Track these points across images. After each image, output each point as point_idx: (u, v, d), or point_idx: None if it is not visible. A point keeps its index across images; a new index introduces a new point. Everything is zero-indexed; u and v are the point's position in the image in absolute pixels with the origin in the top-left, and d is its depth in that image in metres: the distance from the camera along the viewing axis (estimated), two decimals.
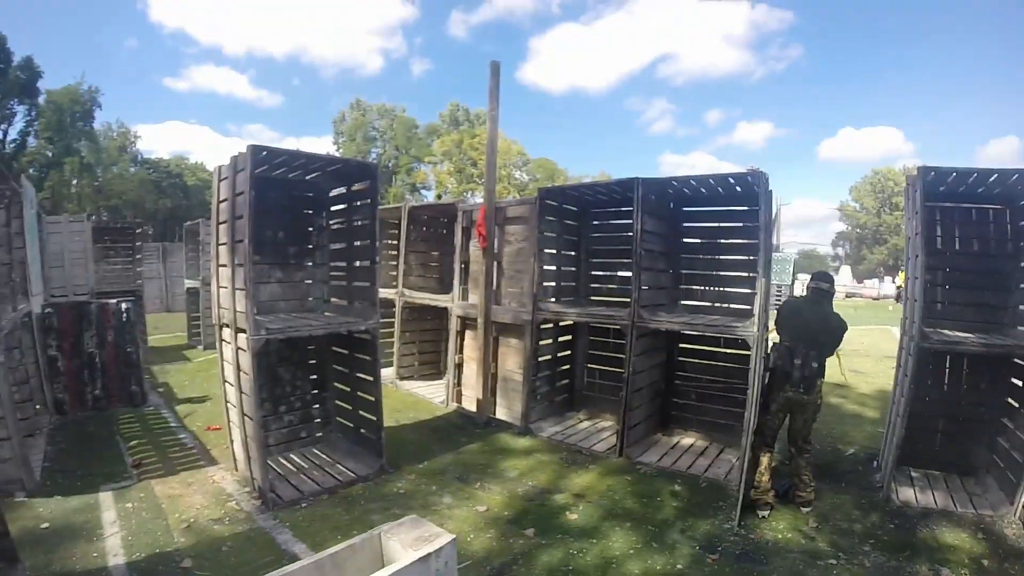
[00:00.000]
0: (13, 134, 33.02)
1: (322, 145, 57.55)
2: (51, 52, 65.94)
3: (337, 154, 39.68)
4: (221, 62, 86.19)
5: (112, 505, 5.31)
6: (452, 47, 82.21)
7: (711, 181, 6.30)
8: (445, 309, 9.26)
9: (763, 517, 5.01)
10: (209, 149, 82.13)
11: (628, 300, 6.54)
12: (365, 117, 46.10)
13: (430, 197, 42.42)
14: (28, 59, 31.22)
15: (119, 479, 5.93)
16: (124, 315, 8.47)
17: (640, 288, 6.35)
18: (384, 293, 9.15)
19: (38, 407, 7.68)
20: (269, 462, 5.58)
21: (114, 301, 8.67)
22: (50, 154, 33.61)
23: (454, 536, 1.75)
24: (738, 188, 6.42)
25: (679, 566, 4.21)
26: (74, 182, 35.08)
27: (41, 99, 32.82)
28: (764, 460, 5.15)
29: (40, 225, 10.14)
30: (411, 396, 9.46)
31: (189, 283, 14.41)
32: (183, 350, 13.57)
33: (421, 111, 79.19)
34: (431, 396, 9.38)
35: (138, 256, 14.43)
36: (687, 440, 6.97)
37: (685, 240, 7.38)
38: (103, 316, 8.38)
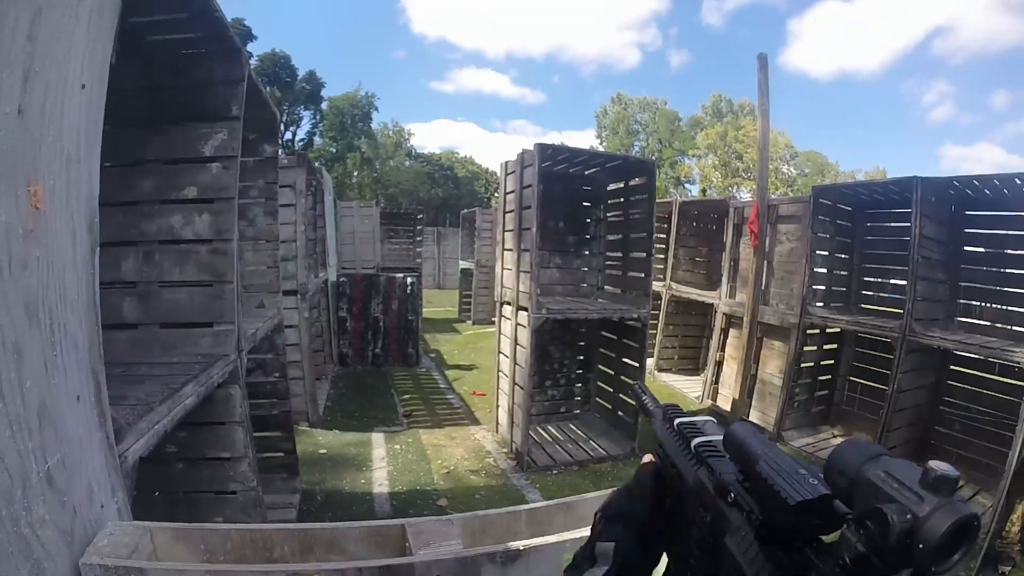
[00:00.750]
0: (301, 134, 40.35)
1: (585, 139, 59.92)
2: (331, 66, 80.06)
3: (600, 148, 41.54)
4: (483, 64, 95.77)
5: (382, 444, 6.48)
6: (708, 35, 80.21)
7: (996, 182, 5.91)
8: (710, 305, 9.43)
9: (1003, 573, 4.60)
10: (476, 144, 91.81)
11: (900, 311, 6.30)
12: (627, 111, 47.37)
13: (694, 191, 41.95)
14: (311, 72, 38.58)
15: (390, 424, 7.22)
16: (409, 288, 10.15)
17: (915, 299, 6.11)
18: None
19: (325, 359, 9.46)
20: (529, 430, 6.30)
21: (401, 275, 10.41)
22: (334, 150, 39.99)
23: None
24: None
25: None
26: (355, 174, 41.29)
27: (324, 105, 39.97)
28: (1020, 509, 4.70)
29: (335, 209, 12.26)
30: (667, 388, 9.85)
31: (463, 264, 16.58)
32: (453, 323, 15.59)
33: (682, 103, 78.67)
34: (687, 390, 9.75)
35: (418, 238, 16.77)
36: None
37: (966, 249, 6.78)
38: (390, 287, 10.12)
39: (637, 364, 6.68)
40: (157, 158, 3.36)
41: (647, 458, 0.98)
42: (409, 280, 10.24)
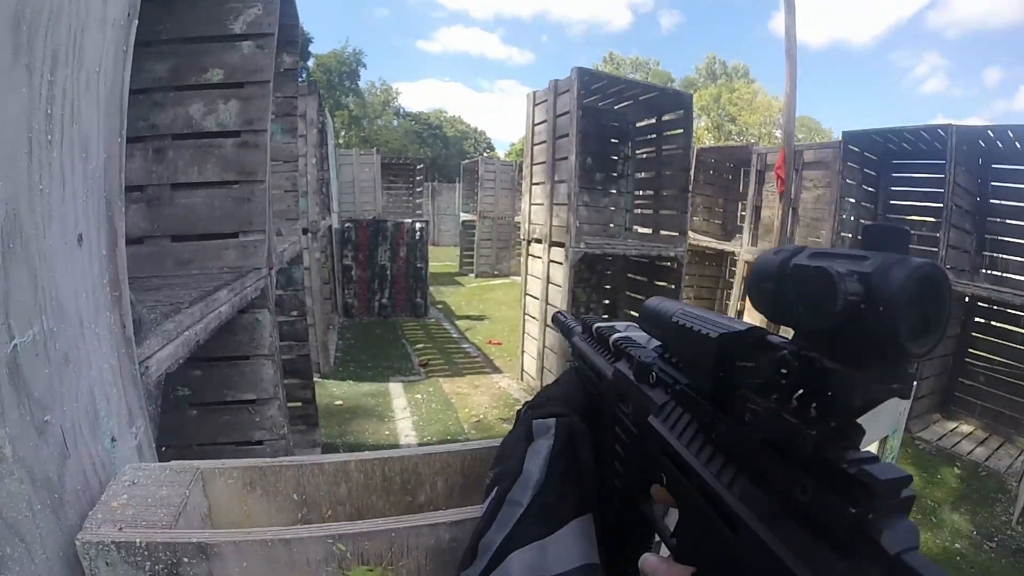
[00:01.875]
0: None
1: None
2: (314, 25, 77.70)
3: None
4: (470, 24, 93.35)
5: (402, 394, 5.98)
6: None
7: None
8: (726, 256, 9.23)
9: None
10: (465, 104, 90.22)
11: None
12: (619, 71, 46.12)
13: None
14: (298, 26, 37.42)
15: (407, 374, 6.67)
16: (417, 233, 9.50)
17: (948, 246, 5.90)
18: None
19: (332, 307, 9.13)
20: None
21: (409, 220, 9.79)
22: (325, 109, 39.66)
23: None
24: None
25: (958, 545, 4.12)
26: (343, 132, 40.70)
27: (311, 62, 38.87)
28: None
29: (335, 157, 11.99)
30: None
31: (465, 216, 15.91)
32: (455, 277, 15.00)
33: (674, 65, 77.59)
34: None
35: (418, 189, 16.22)
36: (966, 427, 6.40)
37: (992, 201, 6.59)
38: (398, 233, 9.43)
39: None
40: (173, 37, 2.64)
41: None
42: (418, 225, 9.61)
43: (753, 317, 7.96)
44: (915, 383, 5.91)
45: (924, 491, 4.88)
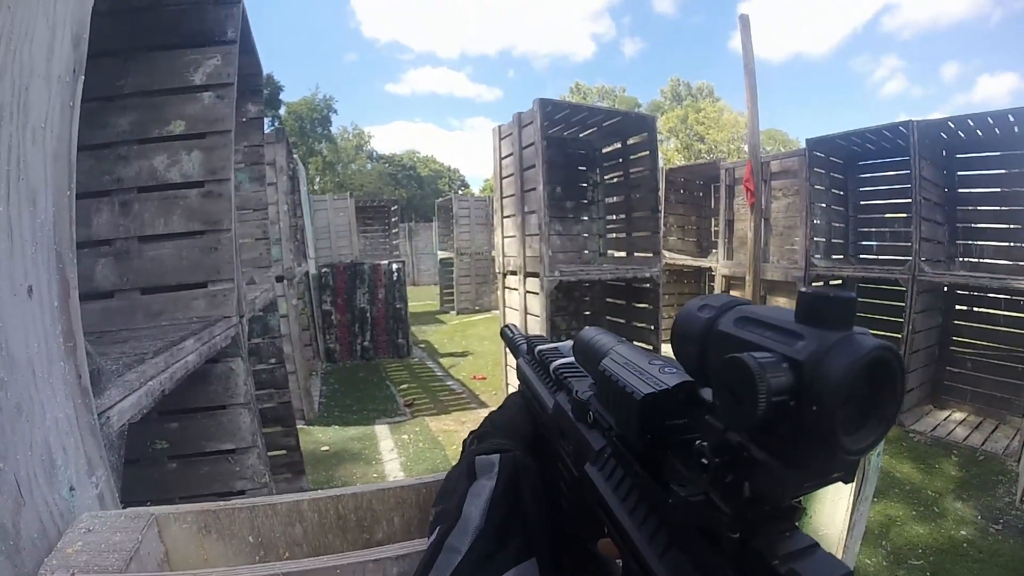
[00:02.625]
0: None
1: None
2: (285, 73, 78.66)
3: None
4: (437, 64, 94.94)
5: (389, 436, 5.92)
6: (660, 23, 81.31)
7: (989, 120, 5.81)
8: (703, 271, 9.32)
9: None
10: (436, 144, 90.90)
11: (901, 258, 6.32)
12: (586, 100, 47.09)
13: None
14: (268, 76, 37.13)
15: (393, 415, 6.61)
16: (395, 274, 9.51)
17: (920, 239, 6.00)
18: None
19: (313, 354, 8.90)
20: None
21: (386, 262, 9.77)
22: (296, 155, 39.84)
23: None
24: (1016, 128, 5.82)
25: (963, 532, 4.11)
26: (317, 179, 40.80)
27: (282, 110, 39.02)
28: None
29: (309, 203, 12.02)
30: (669, 357, 9.41)
31: (442, 254, 15.97)
32: (436, 315, 14.94)
33: (640, 90, 79.52)
34: None
35: (394, 231, 16.28)
36: (959, 414, 6.47)
37: (960, 191, 6.81)
38: (375, 275, 9.44)
39: (652, 327, 6.33)
40: (135, 90, 2.68)
41: None
42: (395, 266, 9.62)
43: None
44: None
45: (923, 483, 4.90)
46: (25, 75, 0.85)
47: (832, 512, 1.53)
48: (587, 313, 7.27)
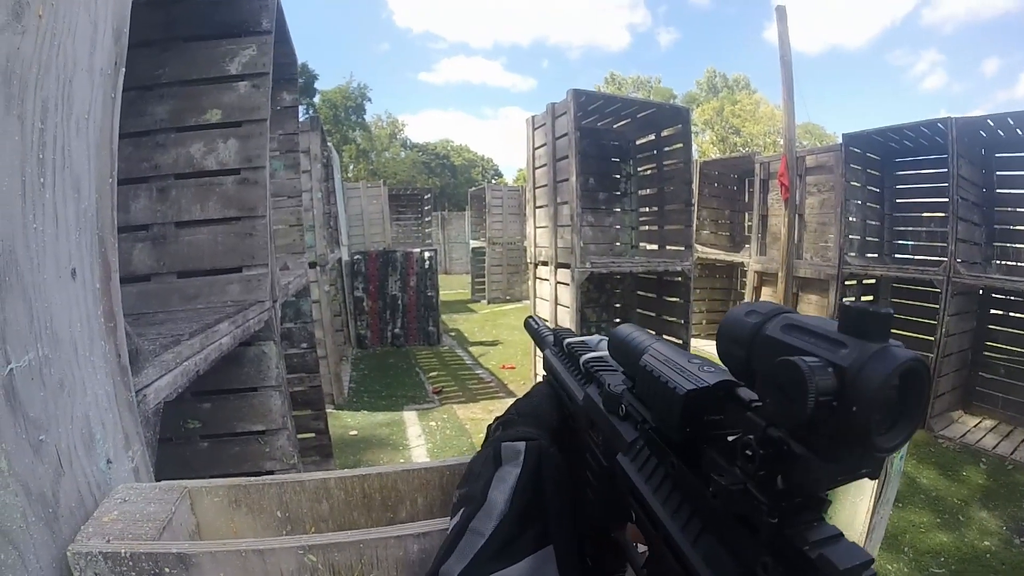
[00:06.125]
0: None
1: None
2: (318, 62, 79.48)
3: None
4: (471, 54, 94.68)
5: (416, 422, 6.01)
6: (695, 13, 79.84)
7: None
8: (735, 267, 9.23)
9: None
10: (469, 133, 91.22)
11: (936, 258, 6.20)
12: (621, 90, 46.28)
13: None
14: (303, 65, 37.92)
15: (421, 402, 6.71)
16: (427, 262, 9.61)
17: (957, 240, 5.85)
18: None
19: (345, 339, 9.01)
20: None
21: (418, 250, 9.88)
22: (330, 143, 40.36)
23: None
24: None
25: (987, 543, 4.02)
26: (351, 166, 41.29)
27: (316, 98, 39.53)
28: None
29: (343, 190, 12.19)
30: (700, 352, 9.22)
31: (474, 243, 16.07)
32: (467, 304, 15.09)
33: (675, 81, 77.96)
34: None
35: (427, 219, 16.54)
36: (989, 421, 6.28)
37: (999, 191, 6.57)
38: (407, 263, 9.54)
39: (682, 321, 6.29)
40: (173, 80, 2.77)
41: None
42: (427, 254, 9.69)
43: None
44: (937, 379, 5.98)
45: (949, 491, 4.81)
46: (69, 68, 0.90)
47: (852, 515, 1.53)
48: (617, 305, 7.27)
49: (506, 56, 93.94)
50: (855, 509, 1.53)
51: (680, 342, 6.24)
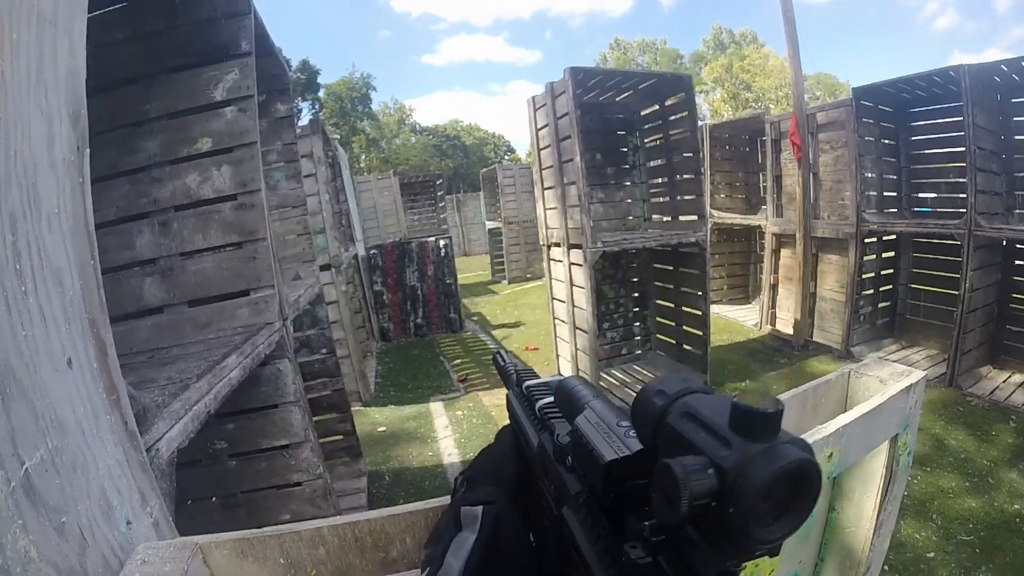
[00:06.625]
0: (304, 124, 40.91)
1: None
2: (320, 55, 79.37)
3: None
4: (472, 31, 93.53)
5: (443, 413, 6.14)
6: None
7: None
8: (753, 230, 9.16)
9: None
10: (479, 112, 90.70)
11: (956, 211, 6.05)
12: (626, 55, 45.97)
13: None
14: (303, 62, 37.20)
15: (447, 391, 6.84)
16: (442, 250, 9.68)
17: (976, 192, 5.71)
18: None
19: (368, 335, 9.13)
20: (598, 372, 5.99)
21: (432, 238, 9.96)
22: (338, 136, 40.36)
23: (925, 373, 1.75)
24: None
25: (1016, 506, 3.92)
26: (363, 156, 41.40)
27: (321, 93, 39.30)
28: None
29: (353, 185, 11.98)
30: (721, 319, 9.30)
31: (490, 224, 16.14)
32: (488, 286, 15.17)
33: (681, 41, 76.61)
34: (742, 320, 9.33)
35: (441, 204, 16.58)
36: (1019, 376, 6.12)
37: (1017, 138, 6.35)
38: (423, 253, 9.63)
39: (700, 292, 6.26)
40: (161, 113, 2.84)
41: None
42: (442, 243, 9.77)
43: (788, 288, 7.88)
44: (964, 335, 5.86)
45: (978, 452, 4.72)
46: (30, 172, 0.95)
47: (859, 511, 1.56)
48: (635, 279, 7.25)
49: (508, 31, 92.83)
50: (861, 507, 1.56)
51: (700, 312, 6.27)
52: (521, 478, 0.77)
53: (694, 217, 6.30)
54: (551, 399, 0.72)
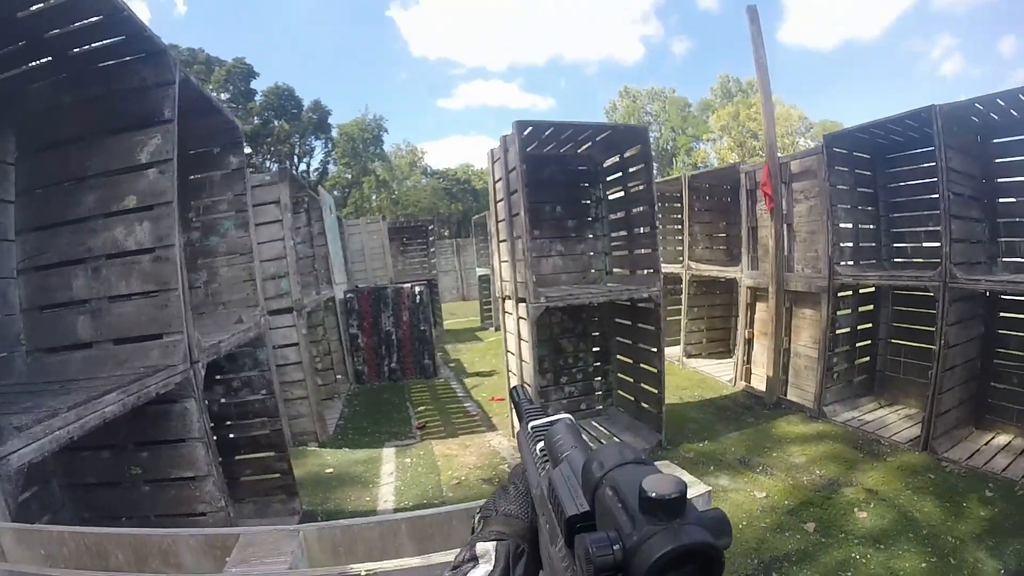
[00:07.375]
0: (315, 164, 41.01)
1: None
2: (336, 96, 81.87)
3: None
4: (488, 77, 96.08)
5: (393, 459, 6.36)
6: (706, 20, 79.58)
7: (1021, 97, 5.16)
8: (734, 282, 9.09)
9: None
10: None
11: (932, 261, 5.79)
12: (636, 103, 46.97)
13: None
14: (316, 102, 38.96)
15: (403, 437, 7.10)
16: (417, 297, 10.06)
17: (951, 240, 5.48)
18: (670, 268, 9.37)
19: (339, 376, 9.44)
20: None
21: (408, 284, 10.37)
22: (349, 176, 41.15)
23: (710, 488, 1.81)
24: None
25: None
26: (373, 197, 42.33)
27: (334, 132, 40.82)
28: None
29: (341, 227, 12.43)
30: (697, 374, 9.52)
31: (480, 271, 16.63)
32: (476, 332, 15.59)
33: (690, 89, 77.70)
34: (718, 375, 9.33)
35: (432, 249, 17.00)
36: (1003, 437, 5.80)
37: (1000, 181, 6.11)
38: (399, 298, 10.04)
39: (655, 349, 6.31)
40: (99, 171, 3.34)
41: None
42: (417, 289, 10.17)
43: (763, 344, 7.96)
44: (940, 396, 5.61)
45: (945, 526, 4.41)
46: None
47: None
48: (595, 334, 7.36)
49: (522, 77, 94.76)
50: None
51: (655, 369, 6.30)
52: (533, 513, 0.81)
53: (649, 271, 6.38)
54: (554, 438, 0.75)
